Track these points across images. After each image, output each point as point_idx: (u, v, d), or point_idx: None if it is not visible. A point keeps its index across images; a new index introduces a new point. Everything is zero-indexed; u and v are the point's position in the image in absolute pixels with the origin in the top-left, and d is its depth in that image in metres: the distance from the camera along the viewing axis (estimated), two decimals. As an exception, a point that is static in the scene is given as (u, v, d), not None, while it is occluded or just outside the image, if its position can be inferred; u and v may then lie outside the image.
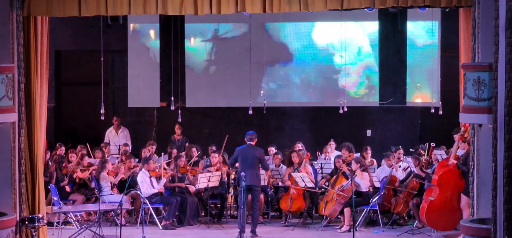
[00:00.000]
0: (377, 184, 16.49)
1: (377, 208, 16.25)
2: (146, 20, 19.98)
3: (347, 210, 16.08)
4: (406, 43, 20.10)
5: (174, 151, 17.96)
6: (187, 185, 16.97)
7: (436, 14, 18.60)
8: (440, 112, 17.66)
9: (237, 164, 15.98)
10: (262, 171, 16.45)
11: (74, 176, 17.11)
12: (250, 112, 17.86)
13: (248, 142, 15.77)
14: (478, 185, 13.16)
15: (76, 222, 16.33)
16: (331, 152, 18.04)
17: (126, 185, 15.89)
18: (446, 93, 18.68)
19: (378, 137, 20.63)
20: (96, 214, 16.36)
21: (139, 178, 16.63)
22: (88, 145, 18.35)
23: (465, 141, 14.70)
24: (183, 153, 17.78)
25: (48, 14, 14.19)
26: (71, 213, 16.26)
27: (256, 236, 15.61)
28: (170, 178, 16.85)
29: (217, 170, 16.99)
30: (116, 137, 19.65)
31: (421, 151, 17.26)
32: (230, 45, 20.48)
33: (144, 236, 15.00)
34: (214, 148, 17.90)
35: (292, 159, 17.04)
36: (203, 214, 17.20)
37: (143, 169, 16.73)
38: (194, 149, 17.81)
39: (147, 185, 16.61)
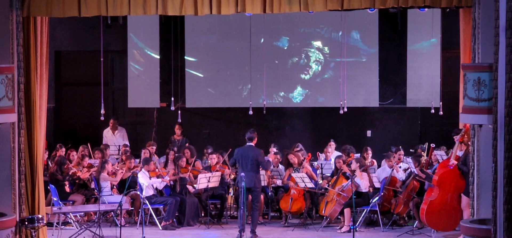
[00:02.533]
0: (377, 185, 16.49)
1: (377, 209, 16.24)
2: (146, 21, 19.98)
3: (347, 211, 16.07)
4: (406, 43, 20.12)
5: (171, 152, 17.92)
6: (188, 185, 16.97)
7: (436, 15, 18.60)
8: (441, 113, 17.65)
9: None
10: (262, 172, 16.46)
11: (75, 177, 17.09)
12: (250, 112, 17.84)
13: (248, 143, 15.69)
14: (478, 185, 13.14)
15: (76, 223, 16.31)
16: (332, 153, 18.04)
17: (126, 186, 15.88)
18: (446, 94, 18.67)
19: (378, 138, 20.62)
20: (95, 215, 16.34)
21: (139, 178, 16.62)
22: (89, 145, 18.35)
23: (464, 142, 14.70)
24: (181, 154, 17.77)
25: (48, 15, 14.17)
26: (70, 213, 16.25)
27: (256, 237, 15.59)
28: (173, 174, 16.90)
29: (218, 171, 16.98)
30: (113, 138, 19.66)
31: (421, 151, 17.25)
32: (230, 45, 20.48)
33: (144, 237, 14.98)
34: (210, 150, 17.88)
35: (290, 160, 17.03)
36: (203, 214, 17.20)
37: (143, 169, 16.73)
38: (187, 150, 17.70)
39: (147, 184, 16.59)
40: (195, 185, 16.89)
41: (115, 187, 17.02)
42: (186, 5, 13.91)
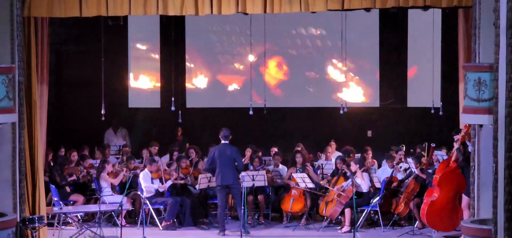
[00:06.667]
0: (378, 185, 16.49)
1: (378, 209, 16.23)
2: (146, 21, 19.97)
3: (347, 211, 16.07)
4: (407, 43, 20.11)
5: (175, 153, 17.94)
6: (189, 186, 16.98)
7: (437, 15, 18.58)
8: (441, 113, 17.63)
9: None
10: (262, 172, 16.48)
11: (75, 179, 17.07)
12: (251, 112, 17.84)
13: (223, 141, 15.77)
14: (478, 185, 13.14)
15: (76, 223, 16.30)
16: (332, 153, 18.04)
17: (127, 186, 15.86)
18: (447, 94, 18.65)
19: (378, 138, 20.60)
20: (96, 215, 16.33)
21: (140, 178, 16.61)
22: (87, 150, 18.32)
23: (463, 143, 14.70)
24: (183, 154, 17.79)
25: (49, 15, 14.18)
26: (71, 213, 16.25)
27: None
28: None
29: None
30: (115, 138, 19.64)
31: (418, 150, 17.23)
32: (230, 45, 20.48)
33: (145, 237, 14.98)
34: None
35: (296, 159, 17.06)
36: (203, 214, 17.17)
37: (146, 169, 16.72)
38: (192, 151, 17.79)
39: (148, 185, 16.59)
40: (196, 186, 16.88)
41: (115, 187, 17.01)
42: (187, 5, 13.92)
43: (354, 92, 19.93)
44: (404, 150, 17.57)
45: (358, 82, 20.03)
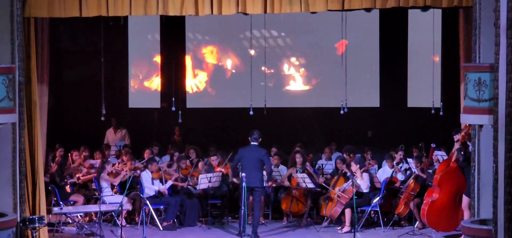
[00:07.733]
0: (378, 185, 16.49)
1: (378, 209, 16.23)
2: (147, 21, 19.98)
3: (348, 211, 16.08)
4: (407, 43, 20.11)
5: (176, 153, 17.94)
6: (189, 186, 16.98)
7: (437, 15, 18.59)
8: (441, 113, 17.63)
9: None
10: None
11: (74, 179, 17.07)
12: (251, 112, 17.84)
13: (252, 143, 15.69)
14: (479, 186, 13.15)
15: (77, 223, 16.30)
16: (332, 153, 18.04)
17: (127, 186, 15.86)
18: (447, 94, 18.65)
19: (378, 138, 20.60)
20: (96, 215, 16.33)
21: (141, 178, 16.61)
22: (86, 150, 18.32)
23: (463, 143, 14.70)
24: (183, 155, 17.79)
25: (49, 15, 14.19)
26: (71, 214, 16.25)
27: (258, 237, 15.60)
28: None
29: (220, 171, 16.96)
30: (115, 138, 19.65)
31: (415, 150, 17.23)
32: (231, 45, 20.48)
33: (145, 237, 14.98)
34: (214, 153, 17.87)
35: (296, 159, 17.06)
36: (204, 214, 17.18)
37: (146, 170, 16.73)
38: (192, 151, 17.78)
39: (149, 185, 16.60)
40: (196, 186, 16.86)
41: (115, 187, 17.00)
42: (187, 5, 13.92)
43: (354, 92, 19.90)
44: (403, 150, 17.56)
45: (358, 82, 20.01)
